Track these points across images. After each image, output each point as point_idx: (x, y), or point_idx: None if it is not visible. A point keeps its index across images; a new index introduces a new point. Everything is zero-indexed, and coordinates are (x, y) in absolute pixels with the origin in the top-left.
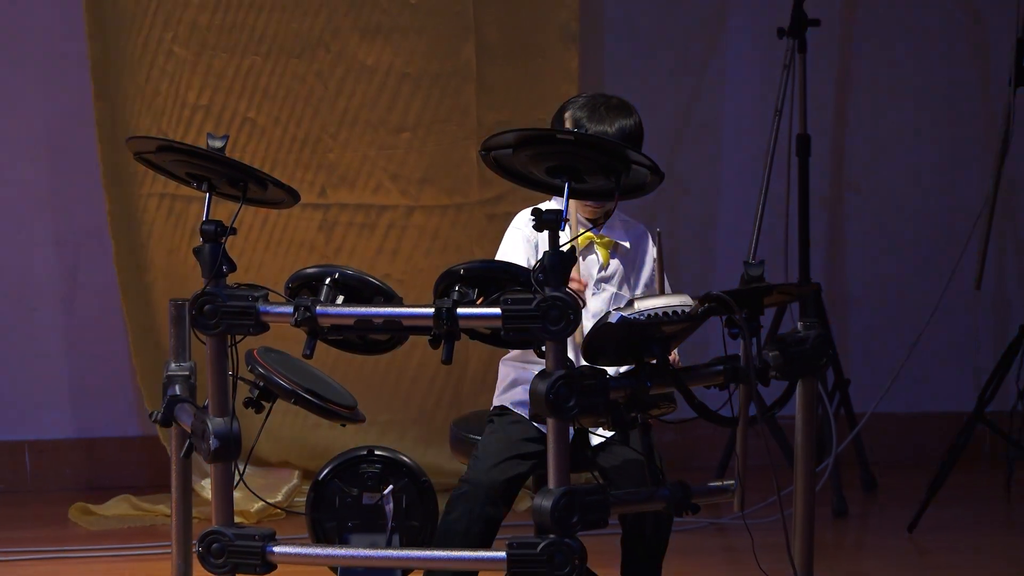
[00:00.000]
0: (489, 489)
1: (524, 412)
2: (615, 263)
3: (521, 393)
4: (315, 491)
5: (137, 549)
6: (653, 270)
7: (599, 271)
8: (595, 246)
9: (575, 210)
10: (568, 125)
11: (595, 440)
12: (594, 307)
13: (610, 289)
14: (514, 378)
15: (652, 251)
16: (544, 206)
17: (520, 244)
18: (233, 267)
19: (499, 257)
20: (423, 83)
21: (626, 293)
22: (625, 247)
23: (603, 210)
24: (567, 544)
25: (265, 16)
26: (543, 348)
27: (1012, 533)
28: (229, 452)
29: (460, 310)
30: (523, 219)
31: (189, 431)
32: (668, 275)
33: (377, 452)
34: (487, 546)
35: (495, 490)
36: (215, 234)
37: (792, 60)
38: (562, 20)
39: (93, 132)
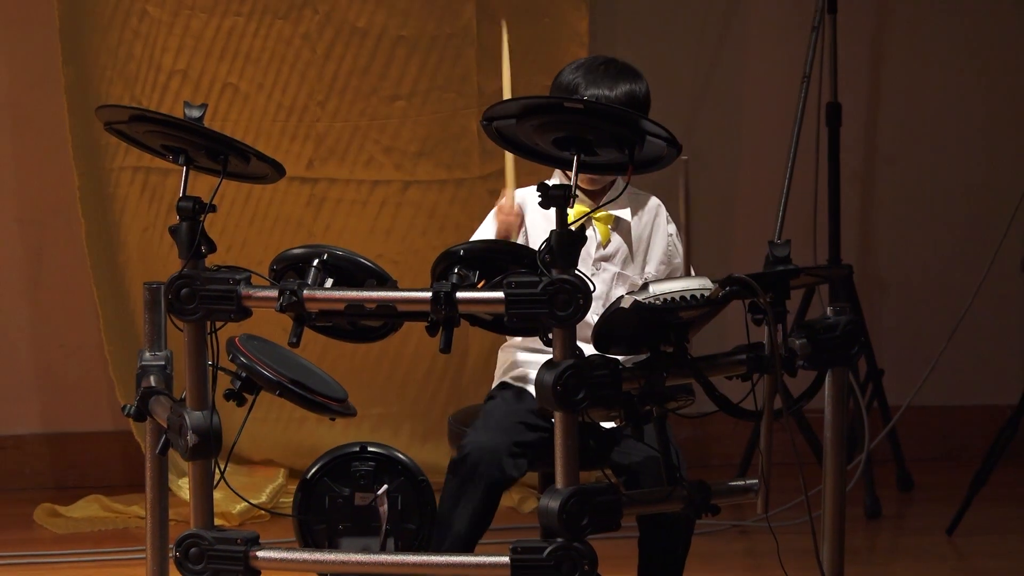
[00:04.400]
0: (492, 452)
1: (526, 386)
2: (616, 239)
3: (523, 371)
4: (303, 491)
5: (109, 554)
6: (668, 246)
7: (597, 249)
8: (593, 221)
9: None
10: (561, 92)
11: (605, 426)
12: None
13: (611, 269)
14: (515, 360)
15: (665, 226)
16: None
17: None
18: (213, 247)
19: (479, 233)
20: (419, 47)
21: (630, 273)
22: (628, 222)
23: (606, 181)
24: (576, 548)
25: None
26: (549, 336)
27: None
28: (208, 448)
29: (460, 294)
30: (517, 194)
31: (165, 426)
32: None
33: (370, 449)
34: (487, 517)
35: (497, 454)
36: (193, 211)
37: (821, 21)
38: None
39: (60, 100)
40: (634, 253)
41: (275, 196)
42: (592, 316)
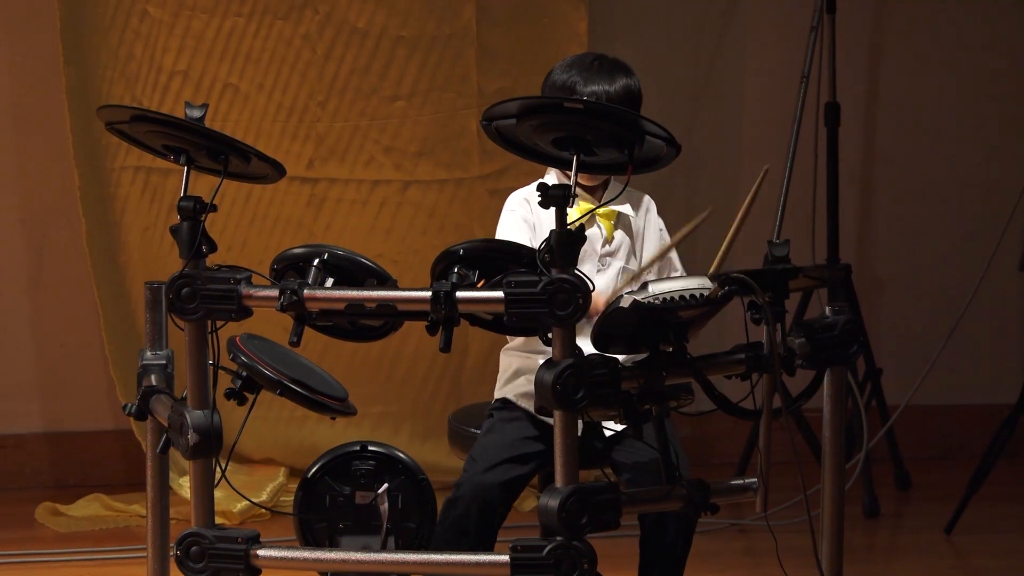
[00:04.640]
0: (485, 493)
1: (528, 405)
2: (619, 235)
3: (524, 384)
4: (303, 490)
5: (110, 552)
6: (659, 241)
7: (603, 245)
8: (597, 218)
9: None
10: (557, 91)
11: (607, 433)
12: (601, 283)
13: (616, 264)
14: (517, 368)
15: (656, 221)
16: (546, 179)
17: (521, 226)
18: (213, 247)
19: (502, 233)
20: (419, 47)
21: (633, 266)
22: (628, 217)
23: (604, 178)
24: (575, 547)
25: None
26: (549, 335)
27: None
28: (209, 447)
29: (459, 293)
30: (516, 200)
31: (166, 425)
32: (684, 256)
33: (370, 448)
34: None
35: (492, 494)
36: (194, 211)
37: (820, 21)
38: None
39: (61, 100)
40: (635, 248)
41: (275, 196)
42: None
